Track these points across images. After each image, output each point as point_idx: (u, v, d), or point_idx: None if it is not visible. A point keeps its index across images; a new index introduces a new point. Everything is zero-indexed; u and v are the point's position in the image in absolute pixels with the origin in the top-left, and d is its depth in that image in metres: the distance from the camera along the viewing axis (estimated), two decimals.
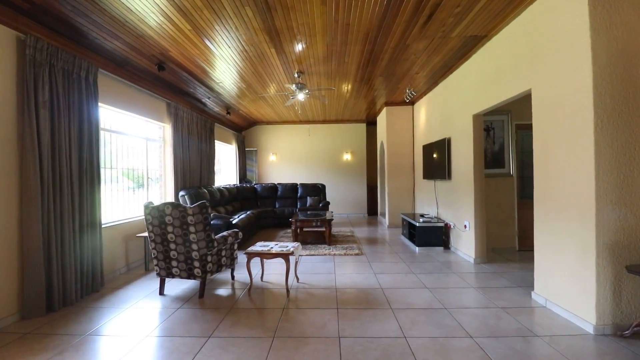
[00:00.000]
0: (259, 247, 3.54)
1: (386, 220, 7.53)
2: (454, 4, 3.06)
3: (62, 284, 2.98)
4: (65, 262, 3.02)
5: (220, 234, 3.48)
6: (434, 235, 5.10)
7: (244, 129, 9.53)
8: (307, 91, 5.17)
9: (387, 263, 4.41)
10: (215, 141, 7.34)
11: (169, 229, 3.08)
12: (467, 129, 4.43)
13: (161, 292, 3.32)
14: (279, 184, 8.10)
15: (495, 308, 2.87)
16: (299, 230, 5.62)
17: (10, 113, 2.71)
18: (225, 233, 3.54)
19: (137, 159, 4.74)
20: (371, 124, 9.49)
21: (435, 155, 5.48)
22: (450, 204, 5.08)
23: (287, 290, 3.32)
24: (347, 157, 9.43)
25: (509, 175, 5.07)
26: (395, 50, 4.21)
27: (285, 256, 3.34)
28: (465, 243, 4.59)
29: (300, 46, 4.02)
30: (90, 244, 3.33)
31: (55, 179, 2.95)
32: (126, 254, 4.18)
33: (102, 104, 3.74)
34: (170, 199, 5.30)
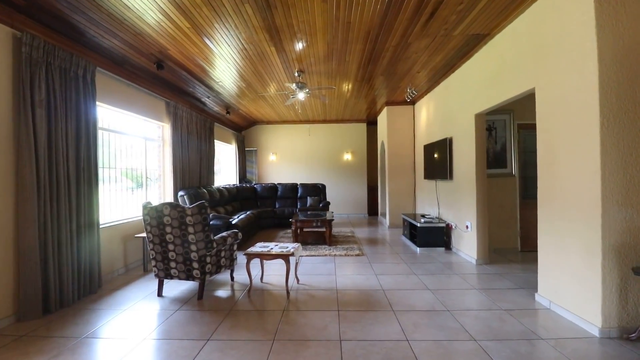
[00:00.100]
0: (258, 247, 3.50)
1: (387, 220, 7.49)
2: (457, 1, 3.02)
3: (58, 285, 2.94)
4: (62, 263, 2.97)
5: (220, 235, 3.44)
6: (435, 236, 5.06)
7: (243, 129, 9.49)
8: (307, 90, 5.13)
9: (388, 264, 4.37)
10: (215, 141, 7.30)
11: (168, 229, 3.04)
12: (469, 128, 4.39)
13: (159, 294, 3.27)
14: (279, 184, 8.06)
15: (499, 310, 2.83)
16: (299, 231, 5.58)
17: (6, 112, 2.67)
18: (224, 233, 3.50)
19: (135, 159, 4.70)
20: (372, 124, 9.45)
21: (437, 155, 5.44)
22: (452, 204, 5.04)
23: (287, 291, 3.28)
24: (347, 157, 9.38)
25: (511, 175, 5.03)
26: (397, 49, 4.17)
27: (286, 257, 3.30)
28: (467, 244, 4.54)
29: (300, 45, 3.98)
30: (87, 244, 3.29)
31: (52, 179, 2.91)
32: (124, 254, 4.14)
33: (100, 103, 3.70)
34: (169, 199, 5.26)
